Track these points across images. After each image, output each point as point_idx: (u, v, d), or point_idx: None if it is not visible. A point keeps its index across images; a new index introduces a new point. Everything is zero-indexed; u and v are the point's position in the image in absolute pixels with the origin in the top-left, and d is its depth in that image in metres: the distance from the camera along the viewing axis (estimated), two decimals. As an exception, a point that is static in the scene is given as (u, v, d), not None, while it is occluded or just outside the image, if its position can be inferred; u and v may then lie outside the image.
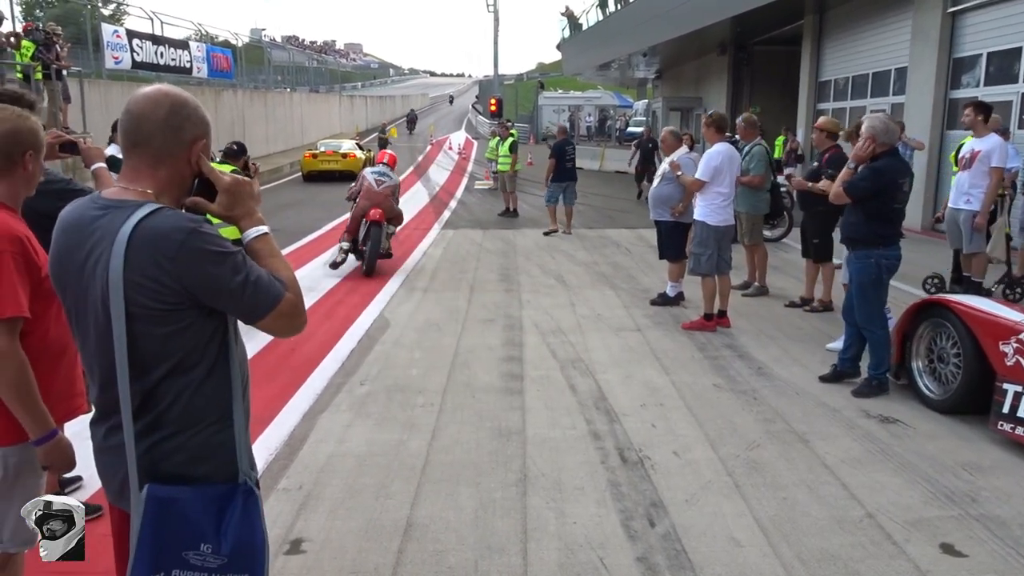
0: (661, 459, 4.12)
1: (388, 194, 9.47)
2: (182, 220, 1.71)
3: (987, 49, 11.71)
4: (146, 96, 1.78)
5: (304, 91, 38.53)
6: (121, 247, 1.67)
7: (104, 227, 1.73)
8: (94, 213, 1.76)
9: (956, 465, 4.03)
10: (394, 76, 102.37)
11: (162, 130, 1.76)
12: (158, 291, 1.68)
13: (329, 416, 4.76)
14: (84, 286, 1.76)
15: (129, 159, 1.80)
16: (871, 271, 4.96)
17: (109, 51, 18.94)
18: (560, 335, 6.58)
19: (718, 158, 6.62)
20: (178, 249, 1.67)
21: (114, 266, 1.67)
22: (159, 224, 1.69)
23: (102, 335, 1.74)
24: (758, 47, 22.53)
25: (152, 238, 1.67)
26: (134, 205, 1.72)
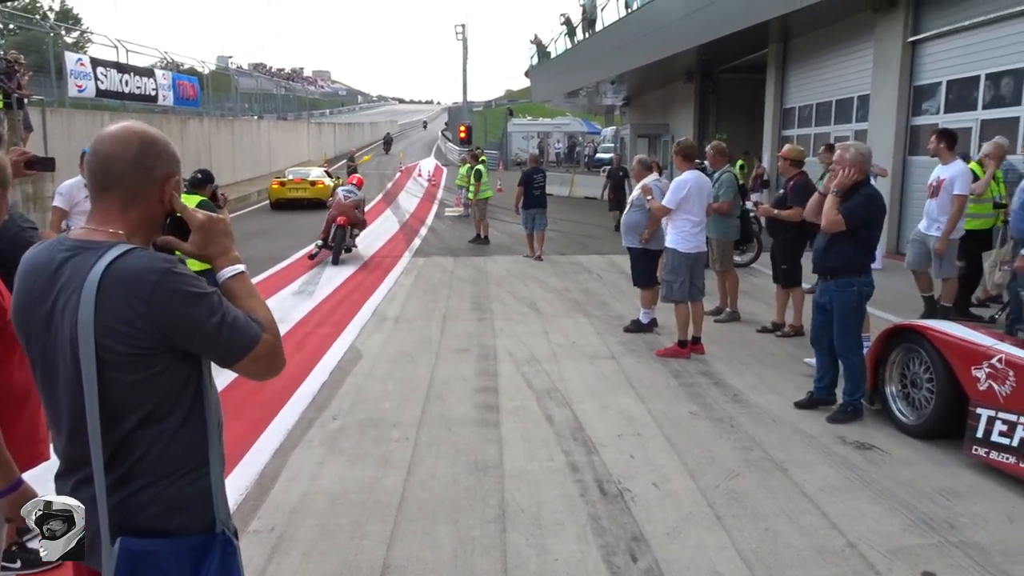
0: (641, 491, 4.07)
1: (352, 206, 12.39)
2: (155, 260, 1.65)
3: (946, 77, 12.00)
4: (113, 136, 1.72)
5: (272, 118, 38.39)
6: (91, 290, 1.60)
7: (72, 270, 1.66)
8: (61, 255, 1.69)
9: (933, 491, 4.04)
10: (363, 103, 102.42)
11: (133, 170, 1.70)
12: (131, 335, 1.61)
13: (301, 453, 4.64)
14: (51, 332, 1.68)
15: (99, 202, 1.73)
16: (854, 299, 5.01)
17: (72, 79, 18.69)
18: (535, 364, 6.53)
19: (685, 186, 6.67)
20: (152, 290, 1.61)
21: (84, 311, 1.60)
22: (131, 265, 1.63)
23: (71, 383, 1.66)
24: (724, 75, 22.90)
25: (124, 280, 1.61)
26: (104, 246, 1.66)
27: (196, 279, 1.67)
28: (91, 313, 1.59)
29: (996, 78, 11.05)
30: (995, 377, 4.19)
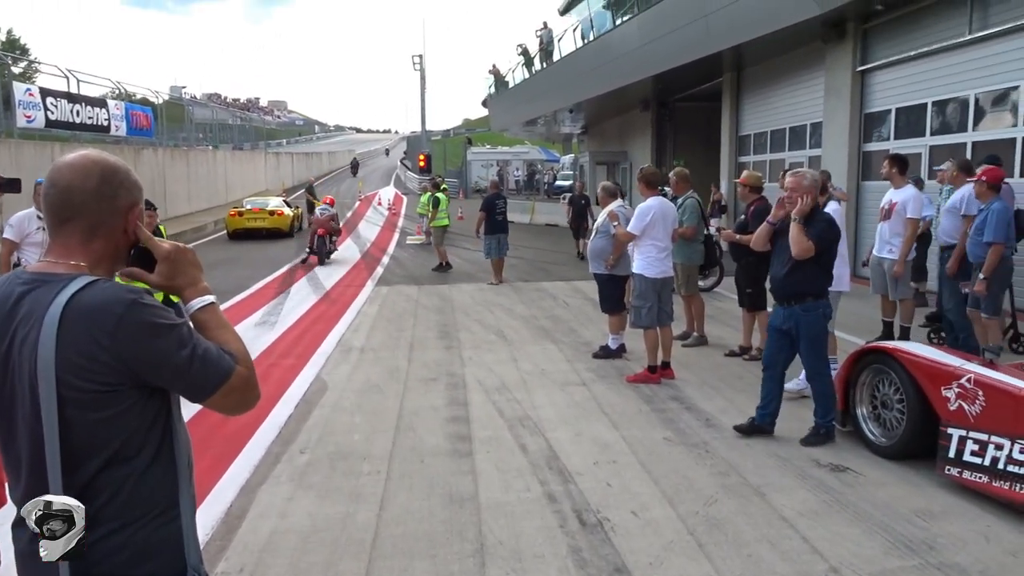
0: (620, 520, 4.01)
1: (328, 219, 16.42)
2: (120, 291, 1.56)
3: (895, 105, 12.37)
4: (72, 166, 1.63)
5: (228, 149, 37.97)
6: (52, 325, 1.51)
7: (31, 304, 1.56)
8: (19, 289, 1.59)
9: (910, 512, 4.05)
10: (320, 133, 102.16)
11: (95, 200, 1.62)
12: (94, 371, 1.52)
13: (268, 489, 4.49)
14: (8, 370, 1.58)
15: (58, 235, 1.64)
16: (820, 322, 5.06)
17: (21, 110, 18.25)
18: (505, 392, 6.45)
19: (649, 212, 6.71)
20: (117, 323, 1.52)
21: (44, 346, 1.50)
22: (95, 297, 1.54)
23: (30, 424, 1.55)
24: (679, 103, 23.34)
25: (88, 312, 1.52)
26: (66, 279, 1.57)
27: (164, 310, 1.59)
28: (52, 348, 1.50)
29: (942, 105, 11.43)
30: (965, 397, 4.24)
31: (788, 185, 5.13)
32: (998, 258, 6.33)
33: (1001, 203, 6.51)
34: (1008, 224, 6.45)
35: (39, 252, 5.75)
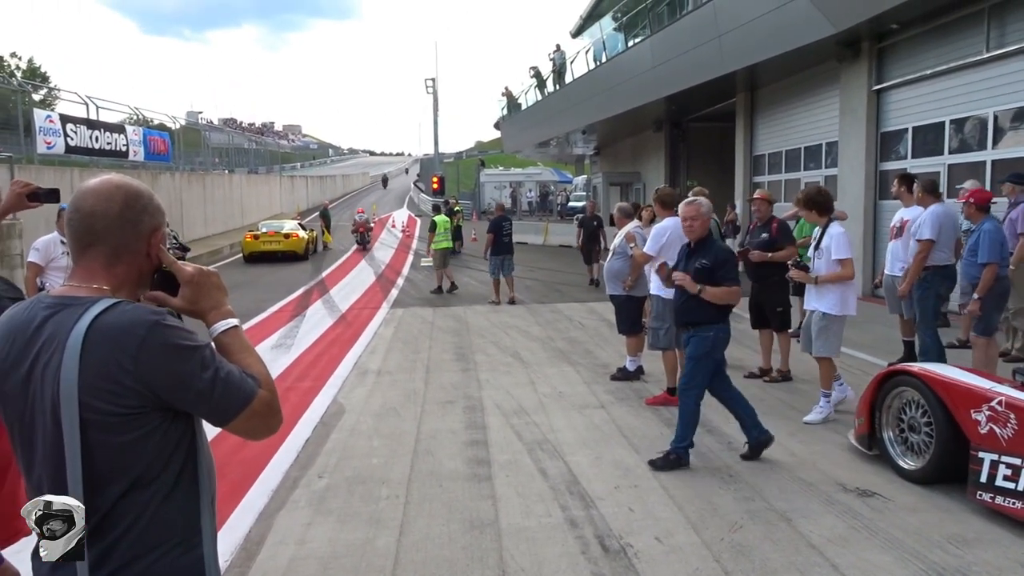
0: (644, 546, 3.93)
1: (363, 223, 24.95)
2: (143, 313, 1.55)
3: (912, 123, 12.30)
4: (96, 191, 1.63)
5: (243, 172, 38.29)
6: (75, 347, 1.50)
7: (54, 327, 1.55)
8: (42, 313, 1.58)
9: (942, 539, 3.95)
10: (334, 156, 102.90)
11: (119, 225, 1.62)
12: (117, 394, 1.51)
13: (287, 514, 4.44)
14: (30, 395, 1.56)
15: (81, 259, 1.63)
16: (708, 344, 5.16)
17: (41, 136, 18.49)
18: (523, 415, 6.39)
19: (665, 233, 6.67)
20: (140, 346, 1.51)
21: (67, 368, 1.49)
22: (118, 319, 1.53)
23: (52, 449, 1.53)
24: (693, 123, 23.34)
25: (111, 335, 1.51)
26: (88, 301, 1.56)
27: (188, 332, 1.58)
28: (75, 371, 1.49)
29: (960, 124, 11.35)
30: (996, 420, 4.14)
31: (684, 214, 5.28)
32: (993, 277, 6.27)
33: (992, 223, 6.46)
34: (1001, 244, 6.38)
35: (63, 276, 5.77)
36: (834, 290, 5.97)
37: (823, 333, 6.00)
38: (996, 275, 6.27)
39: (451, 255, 16.98)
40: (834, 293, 5.97)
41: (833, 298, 5.98)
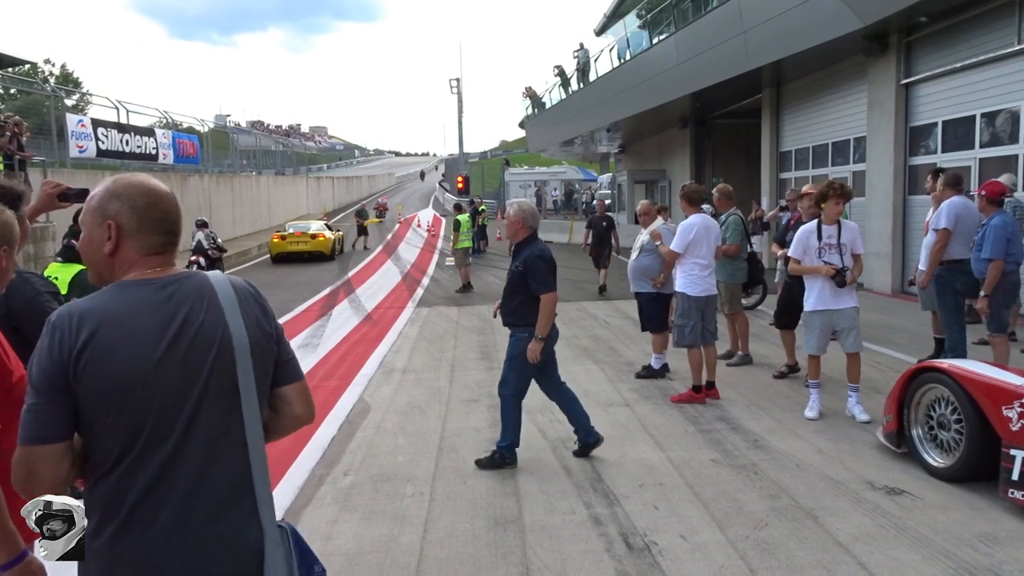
0: (668, 544, 3.92)
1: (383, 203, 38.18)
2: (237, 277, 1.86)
3: (942, 117, 12.11)
4: (163, 188, 1.81)
5: (270, 174, 38.69)
6: (231, 300, 1.72)
7: (183, 296, 1.68)
8: (159, 294, 1.68)
9: (972, 538, 3.88)
10: (360, 157, 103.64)
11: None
12: (271, 335, 1.78)
13: (313, 511, 4.49)
14: (186, 365, 1.64)
15: (164, 253, 1.77)
16: (519, 345, 5.17)
17: (74, 140, 18.86)
18: (548, 413, 6.39)
19: (692, 230, 6.62)
20: (260, 293, 1.84)
21: (234, 321, 1.70)
22: (235, 278, 1.81)
23: (219, 406, 1.67)
24: (718, 120, 23.18)
25: (245, 286, 1.80)
26: (194, 273, 1.78)
27: None
28: (241, 321, 1.71)
29: (992, 117, 11.15)
30: (1028, 416, 4.07)
31: (507, 217, 5.36)
32: (998, 274, 6.16)
33: (1000, 218, 6.32)
34: (1008, 239, 6.23)
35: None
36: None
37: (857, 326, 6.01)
38: (1002, 271, 6.16)
39: (473, 254, 17.06)
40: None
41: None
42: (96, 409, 1.59)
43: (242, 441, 1.69)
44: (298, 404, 1.84)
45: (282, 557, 1.69)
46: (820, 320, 5.99)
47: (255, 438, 1.70)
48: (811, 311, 6.05)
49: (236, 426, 1.68)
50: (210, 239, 16.83)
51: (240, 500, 1.68)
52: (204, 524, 1.63)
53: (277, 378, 1.80)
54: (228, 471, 1.67)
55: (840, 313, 5.94)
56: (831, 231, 5.95)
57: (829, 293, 5.92)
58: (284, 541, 1.71)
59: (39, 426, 1.58)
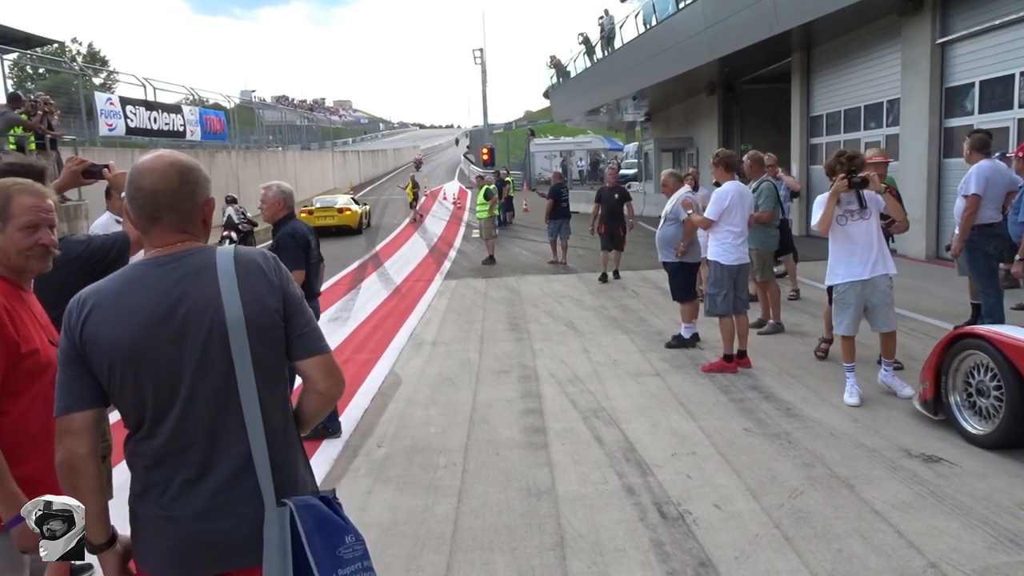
0: (702, 513, 3.92)
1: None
2: (257, 249, 1.85)
3: (979, 77, 11.78)
4: (154, 165, 1.80)
5: (296, 149, 38.82)
6: (230, 275, 1.71)
7: (182, 273, 1.71)
8: (158, 270, 1.73)
9: (1013, 505, 3.83)
10: (384, 130, 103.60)
11: (180, 199, 1.81)
12: (275, 309, 1.75)
13: (348, 483, 4.54)
14: (180, 341, 1.68)
15: (166, 231, 1.81)
16: None
17: (103, 119, 19.03)
18: (578, 384, 6.40)
19: (727, 197, 6.51)
20: (276, 266, 1.82)
21: (229, 297, 1.69)
22: (248, 251, 1.80)
23: (216, 381, 1.70)
24: (746, 85, 22.74)
25: (253, 260, 1.77)
26: (204, 248, 1.78)
27: None
28: (237, 298, 1.70)
29: (1032, 76, 10.82)
30: (1071, 382, 3.98)
31: (261, 199, 5.42)
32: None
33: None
34: None
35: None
36: None
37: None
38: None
39: (499, 226, 17.09)
40: None
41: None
42: (105, 379, 1.70)
43: (241, 418, 1.71)
44: (319, 379, 1.83)
45: (275, 537, 1.69)
46: (853, 296, 5.51)
47: (252, 415, 1.70)
48: (843, 283, 5.55)
49: (235, 403, 1.70)
50: (240, 214, 17.14)
51: (248, 475, 1.72)
52: (213, 494, 1.71)
53: (293, 352, 1.81)
54: (233, 446, 1.71)
55: (873, 285, 5.49)
56: (849, 197, 5.53)
57: (858, 260, 5.49)
58: (283, 521, 1.70)
59: (65, 396, 1.70)
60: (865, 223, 5.54)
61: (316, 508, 1.74)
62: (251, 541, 1.69)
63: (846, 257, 5.57)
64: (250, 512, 1.71)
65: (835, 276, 5.65)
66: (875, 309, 5.57)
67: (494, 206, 16.41)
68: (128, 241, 2.93)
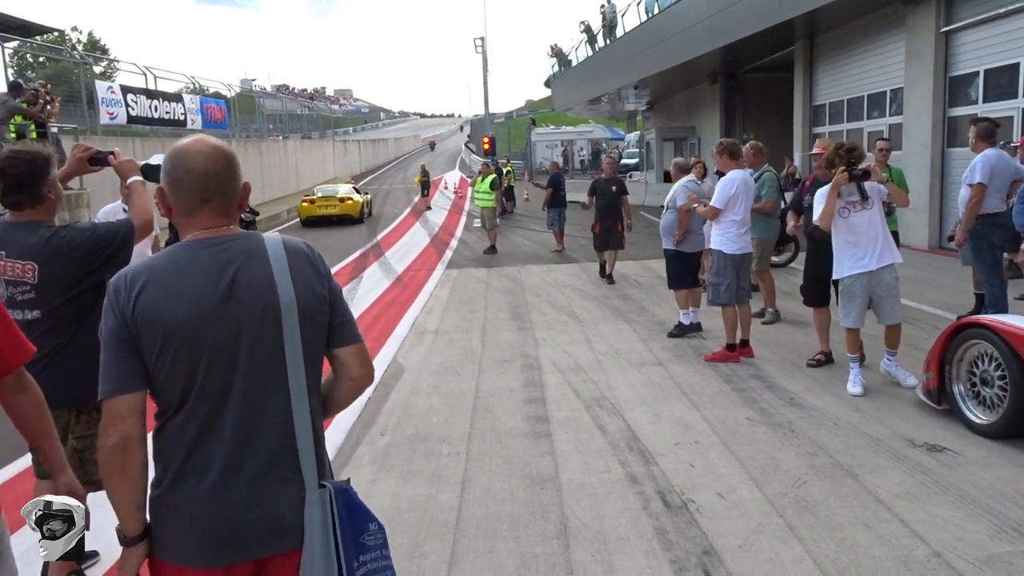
0: (706, 502, 3.92)
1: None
2: (299, 239, 1.88)
3: (984, 66, 11.72)
4: (198, 148, 1.83)
5: (296, 138, 38.72)
6: (281, 260, 1.74)
7: (233, 254, 1.72)
8: (208, 251, 1.73)
9: (1017, 494, 3.83)
10: (385, 119, 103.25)
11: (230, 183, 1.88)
12: (323, 296, 1.79)
13: (352, 471, 4.55)
14: (238, 320, 1.69)
15: (209, 213, 1.81)
16: None
17: (104, 107, 18.96)
18: (580, 373, 6.40)
19: (733, 186, 6.48)
20: (320, 256, 1.86)
21: (281, 280, 1.72)
22: (294, 240, 1.83)
23: (266, 362, 1.71)
24: (749, 75, 22.67)
25: (300, 248, 1.81)
26: (251, 233, 1.81)
27: None
28: (289, 281, 1.73)
29: (1037, 64, 10.76)
30: (1076, 372, 3.98)
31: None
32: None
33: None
34: None
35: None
36: None
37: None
38: None
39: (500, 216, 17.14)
40: None
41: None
42: (153, 359, 1.68)
43: (287, 400, 1.72)
44: (355, 366, 1.86)
45: (319, 518, 1.70)
46: (860, 288, 5.42)
47: (299, 397, 1.73)
48: (849, 276, 5.46)
49: (282, 384, 1.72)
50: None
51: (287, 458, 1.73)
52: (252, 479, 1.71)
53: (333, 340, 1.82)
54: (275, 429, 1.71)
55: (878, 277, 5.41)
56: (850, 188, 5.43)
57: (863, 252, 5.41)
58: (324, 502, 1.71)
59: (113, 378, 1.67)
60: (868, 213, 5.47)
61: (347, 493, 1.76)
62: (289, 525, 1.70)
63: (851, 249, 5.49)
64: (287, 495, 1.71)
65: (841, 269, 5.55)
66: (881, 301, 5.50)
67: (498, 195, 16.52)
68: (133, 229, 2.91)
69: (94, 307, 2.84)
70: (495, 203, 15.77)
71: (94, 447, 2.91)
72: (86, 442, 2.94)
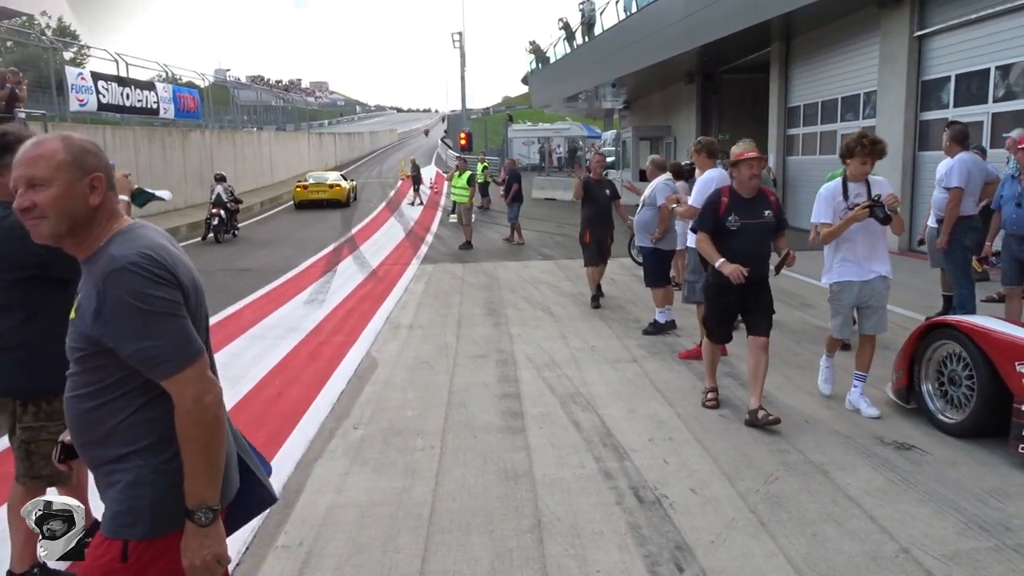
0: (679, 497, 3.94)
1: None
2: None
3: (955, 71, 11.90)
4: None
5: (271, 130, 38.32)
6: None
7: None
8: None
9: (982, 492, 3.90)
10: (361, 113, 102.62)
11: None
12: None
13: (325, 464, 4.51)
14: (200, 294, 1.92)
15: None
16: None
17: (74, 94, 18.63)
18: (555, 368, 6.40)
19: (711, 184, 6.50)
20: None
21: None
22: None
23: (205, 333, 1.95)
24: (725, 75, 22.81)
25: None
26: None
27: None
28: None
29: (1006, 70, 10.96)
30: (1041, 372, 4.05)
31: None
32: None
33: None
34: None
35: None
36: None
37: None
38: None
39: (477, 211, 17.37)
40: None
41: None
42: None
43: None
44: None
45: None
46: (850, 296, 5.16)
47: None
48: (838, 282, 5.21)
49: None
50: (228, 192, 17.14)
51: None
52: (238, 437, 2.01)
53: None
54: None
55: (871, 287, 5.13)
56: (859, 188, 5.15)
57: (855, 260, 5.14)
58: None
59: (193, 339, 1.78)
60: (867, 222, 5.10)
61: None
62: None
63: (845, 256, 5.20)
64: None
65: (832, 274, 5.28)
66: (869, 311, 5.21)
67: (474, 192, 16.81)
68: None
69: (45, 300, 2.77)
70: (468, 199, 15.73)
71: (40, 439, 2.85)
72: (33, 433, 2.85)
